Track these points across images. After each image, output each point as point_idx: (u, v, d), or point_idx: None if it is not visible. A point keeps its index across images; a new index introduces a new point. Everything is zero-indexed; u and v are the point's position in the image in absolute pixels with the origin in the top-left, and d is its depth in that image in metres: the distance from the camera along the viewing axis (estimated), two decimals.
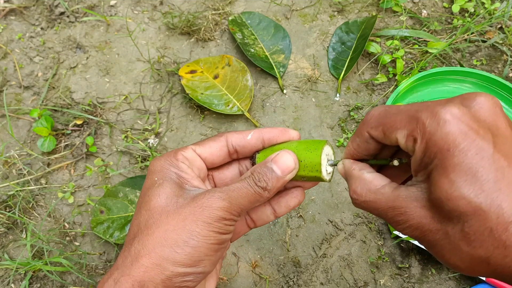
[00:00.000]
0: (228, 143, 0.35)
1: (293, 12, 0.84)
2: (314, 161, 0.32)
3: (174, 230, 0.29)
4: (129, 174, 0.68)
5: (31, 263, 0.59)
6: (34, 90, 0.76)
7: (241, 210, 0.31)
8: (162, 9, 0.84)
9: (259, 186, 0.31)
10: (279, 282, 0.61)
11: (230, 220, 0.30)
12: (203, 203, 0.30)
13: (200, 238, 0.29)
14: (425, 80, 0.72)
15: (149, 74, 0.77)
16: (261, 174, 0.31)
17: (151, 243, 0.29)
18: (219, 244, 0.30)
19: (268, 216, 0.37)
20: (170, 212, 0.30)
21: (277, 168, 0.32)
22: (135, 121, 0.73)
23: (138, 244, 0.29)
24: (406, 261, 0.62)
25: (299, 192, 0.36)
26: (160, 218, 0.30)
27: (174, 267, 0.28)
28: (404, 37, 0.80)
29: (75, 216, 0.66)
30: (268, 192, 0.31)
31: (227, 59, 0.76)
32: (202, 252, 0.29)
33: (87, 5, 0.84)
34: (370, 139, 0.29)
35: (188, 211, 0.29)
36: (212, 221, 0.29)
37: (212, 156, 0.35)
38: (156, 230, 0.29)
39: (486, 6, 0.83)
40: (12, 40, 0.80)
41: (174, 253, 0.28)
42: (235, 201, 0.30)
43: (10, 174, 0.69)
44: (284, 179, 0.32)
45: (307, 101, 0.75)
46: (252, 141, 0.35)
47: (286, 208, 0.36)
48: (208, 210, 0.29)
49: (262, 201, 0.32)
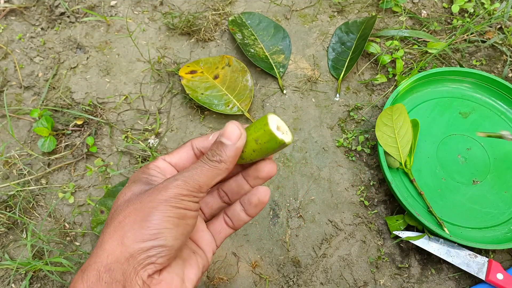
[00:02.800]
0: (193, 147, 0.37)
1: (293, 12, 0.84)
2: (266, 132, 0.34)
3: (132, 212, 0.30)
4: (129, 174, 0.69)
5: (31, 263, 0.59)
6: (35, 90, 0.76)
7: (199, 186, 0.32)
8: (162, 10, 0.84)
9: (214, 160, 0.33)
10: (279, 282, 0.61)
11: (189, 196, 0.31)
12: (160, 186, 0.31)
13: (156, 212, 0.30)
14: (425, 81, 0.72)
15: (149, 74, 0.77)
16: (213, 150, 0.33)
17: (112, 228, 0.30)
18: (178, 218, 0.30)
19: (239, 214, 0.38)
20: (131, 200, 0.31)
21: (226, 139, 0.33)
22: (135, 121, 0.73)
23: (102, 234, 0.31)
24: (406, 261, 0.62)
25: (259, 190, 0.37)
26: (121, 208, 0.31)
27: (135, 243, 0.29)
28: (403, 37, 0.80)
29: (75, 216, 0.66)
30: (224, 163, 0.33)
31: (227, 60, 0.76)
32: (159, 224, 0.29)
33: (87, 6, 0.84)
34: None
35: (147, 195, 0.31)
36: (168, 198, 0.30)
37: (181, 160, 0.37)
38: (116, 217, 0.31)
39: (486, 6, 0.83)
40: (12, 40, 0.80)
41: (132, 230, 0.29)
42: (191, 179, 0.31)
43: (10, 174, 0.69)
44: (235, 146, 0.33)
45: (307, 101, 0.75)
46: (213, 140, 0.37)
47: (250, 206, 0.37)
48: (164, 190, 0.30)
49: (222, 174, 0.33)
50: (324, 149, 0.70)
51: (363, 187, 0.67)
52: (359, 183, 0.68)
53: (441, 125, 0.70)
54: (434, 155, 0.67)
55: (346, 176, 0.68)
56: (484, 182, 0.65)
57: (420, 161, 0.67)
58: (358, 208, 0.66)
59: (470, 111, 0.72)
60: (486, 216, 0.63)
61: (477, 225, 0.62)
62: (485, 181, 0.65)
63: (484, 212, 0.63)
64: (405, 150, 0.62)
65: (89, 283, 0.28)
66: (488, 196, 0.64)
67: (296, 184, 0.67)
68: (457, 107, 0.72)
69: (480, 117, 0.71)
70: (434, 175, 0.66)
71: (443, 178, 0.66)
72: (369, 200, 0.66)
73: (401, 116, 0.62)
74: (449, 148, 0.68)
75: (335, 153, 0.70)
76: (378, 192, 0.67)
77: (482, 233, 0.62)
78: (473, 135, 0.69)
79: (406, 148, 0.62)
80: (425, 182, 0.65)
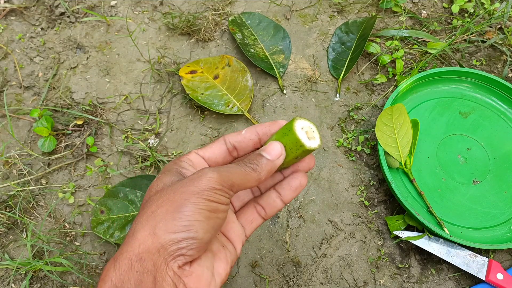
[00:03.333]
0: (226, 142, 0.37)
1: (293, 12, 0.84)
2: (293, 139, 0.35)
3: (165, 202, 0.30)
4: (129, 174, 0.69)
5: (31, 263, 0.59)
6: (35, 90, 0.76)
7: (232, 184, 0.32)
8: (162, 10, 0.84)
9: (249, 166, 0.33)
10: (279, 282, 0.61)
11: (221, 191, 0.31)
12: (193, 177, 0.31)
13: (189, 204, 0.30)
14: (425, 81, 0.72)
15: (149, 74, 0.77)
16: (251, 158, 0.34)
17: (145, 218, 0.30)
18: (210, 211, 0.30)
19: (275, 200, 0.39)
20: (164, 190, 0.31)
21: (266, 154, 0.35)
22: (135, 121, 0.73)
23: (134, 223, 0.31)
24: (406, 261, 0.62)
25: (299, 174, 0.38)
26: (154, 197, 0.31)
27: (166, 234, 0.29)
28: (403, 37, 0.80)
29: (75, 216, 0.66)
30: (258, 173, 0.34)
31: (227, 60, 0.76)
32: (191, 216, 0.29)
33: (87, 6, 0.84)
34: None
35: (179, 185, 0.31)
36: (201, 190, 0.30)
37: (214, 155, 0.37)
38: (149, 207, 0.31)
39: (486, 6, 0.83)
40: (12, 40, 0.80)
41: (165, 220, 0.29)
42: (225, 174, 0.32)
43: (10, 174, 0.69)
44: (273, 163, 0.35)
45: (307, 101, 0.75)
46: (247, 134, 0.37)
47: (289, 190, 0.38)
48: (198, 181, 0.30)
49: (253, 181, 0.34)
50: (324, 149, 0.70)
51: (363, 187, 0.67)
52: (359, 183, 0.68)
53: (441, 125, 0.70)
54: (434, 155, 0.67)
55: (346, 176, 0.68)
56: (484, 182, 0.65)
57: (420, 161, 0.67)
58: (358, 208, 0.66)
59: (470, 111, 0.72)
60: (486, 216, 0.63)
61: (477, 225, 0.62)
62: (485, 181, 0.65)
63: (484, 212, 0.63)
64: (405, 150, 0.62)
65: (121, 271, 0.28)
66: (488, 196, 0.64)
67: None
68: (457, 107, 0.72)
69: (480, 117, 0.71)
70: (434, 175, 0.66)
71: (443, 178, 0.66)
72: (369, 200, 0.66)
73: (401, 116, 0.62)
74: (449, 148, 0.68)
75: (335, 153, 0.70)
76: (378, 192, 0.67)
77: (482, 233, 0.62)
78: (473, 135, 0.69)
79: (406, 148, 0.62)
80: (425, 182, 0.65)
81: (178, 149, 0.71)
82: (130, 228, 0.31)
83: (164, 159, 0.68)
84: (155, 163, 0.69)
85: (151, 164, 0.69)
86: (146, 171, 0.69)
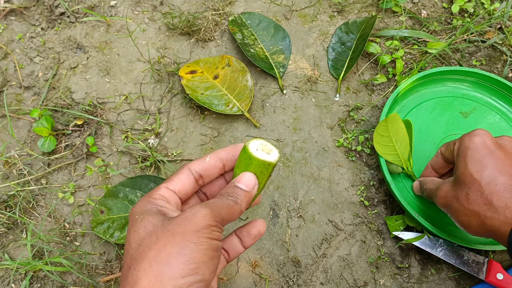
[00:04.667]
0: (192, 171, 0.37)
1: (293, 12, 0.84)
2: (259, 163, 0.36)
3: (165, 245, 0.29)
4: (129, 174, 0.69)
5: (31, 263, 0.59)
6: (35, 90, 0.76)
7: (222, 219, 0.32)
8: (162, 10, 0.84)
9: (230, 199, 0.34)
10: (279, 282, 0.61)
11: (216, 227, 0.31)
12: (187, 216, 0.31)
13: (192, 245, 0.29)
14: (425, 80, 0.72)
15: (149, 74, 0.77)
16: (229, 192, 0.35)
17: (147, 264, 0.29)
18: (212, 250, 0.30)
19: (237, 245, 0.40)
20: (159, 232, 0.30)
21: (242, 185, 0.35)
22: (135, 121, 0.73)
23: (134, 270, 0.29)
24: (406, 261, 0.62)
25: (258, 222, 0.40)
26: (150, 240, 0.30)
27: (174, 280, 0.28)
28: (403, 37, 0.80)
29: (75, 216, 0.66)
30: (239, 205, 0.34)
31: (227, 60, 0.76)
32: (197, 258, 0.29)
33: (87, 6, 0.84)
34: (439, 155, 0.58)
35: (175, 226, 0.30)
36: (200, 228, 0.30)
37: (184, 187, 0.37)
38: (149, 252, 0.30)
39: (486, 6, 0.83)
40: (12, 40, 0.80)
41: (170, 265, 0.28)
42: (215, 210, 0.32)
43: (10, 174, 0.69)
44: (250, 193, 0.36)
45: (307, 101, 0.75)
46: (211, 162, 0.38)
47: (249, 238, 0.40)
48: (194, 219, 0.30)
49: (237, 214, 0.35)
50: (324, 149, 0.70)
51: (363, 187, 0.67)
52: (359, 183, 0.68)
53: (441, 125, 0.70)
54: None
55: (346, 176, 0.68)
56: None
57: (420, 162, 0.67)
58: (358, 208, 0.66)
59: (471, 111, 0.72)
60: None
61: None
62: None
63: None
64: (405, 155, 0.62)
65: None
66: None
67: (296, 184, 0.67)
68: (457, 106, 0.72)
69: (481, 117, 0.71)
70: None
71: None
72: (369, 200, 0.66)
73: (396, 124, 0.61)
74: None
75: (335, 153, 0.70)
76: (378, 192, 0.67)
77: None
78: None
79: (405, 153, 0.62)
80: None
81: (178, 149, 0.71)
82: (126, 272, 0.30)
83: (164, 159, 0.68)
84: (155, 163, 0.69)
85: (151, 164, 0.69)
86: (146, 171, 0.69)
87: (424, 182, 0.58)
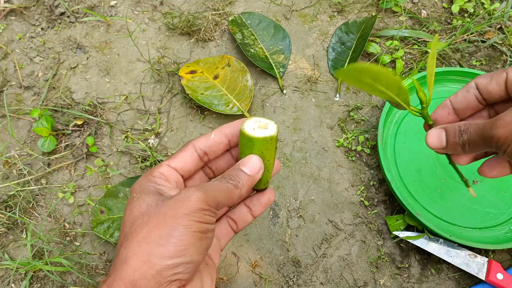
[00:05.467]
0: (196, 148, 0.37)
1: (293, 12, 0.84)
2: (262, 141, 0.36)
3: (156, 226, 0.30)
4: (129, 174, 0.69)
5: (31, 263, 0.59)
6: (35, 90, 0.76)
7: (218, 203, 0.32)
8: (162, 10, 0.84)
9: (231, 183, 0.34)
10: (279, 282, 0.61)
11: (209, 211, 0.31)
12: (180, 198, 0.31)
13: (181, 228, 0.30)
14: (425, 81, 0.72)
15: (149, 74, 0.77)
16: (231, 174, 0.34)
17: (136, 243, 0.30)
18: (201, 233, 0.31)
19: (246, 215, 0.40)
20: (152, 213, 0.31)
21: (246, 169, 0.35)
22: (135, 121, 0.73)
23: (125, 249, 0.30)
24: (406, 261, 0.62)
25: (269, 191, 0.39)
26: (142, 221, 0.31)
27: (162, 260, 0.29)
28: (403, 37, 0.80)
29: (75, 216, 0.66)
30: (240, 189, 0.34)
31: (227, 60, 0.76)
32: (186, 240, 0.30)
33: (87, 6, 0.84)
34: (472, 88, 0.39)
35: (168, 207, 0.31)
36: (191, 212, 0.30)
37: (186, 164, 0.37)
38: (140, 231, 0.30)
39: (486, 6, 0.83)
40: (12, 40, 0.80)
41: (159, 246, 0.29)
42: (211, 194, 0.32)
43: (10, 174, 0.69)
44: (253, 178, 0.35)
45: (307, 101, 0.75)
46: (216, 138, 0.38)
47: (259, 206, 0.39)
48: (186, 202, 0.30)
49: (236, 198, 0.34)
50: (324, 149, 0.70)
51: (363, 187, 0.67)
52: (359, 183, 0.68)
53: None
54: (434, 155, 0.67)
55: (346, 176, 0.68)
56: (484, 182, 0.65)
57: (420, 161, 0.67)
58: (358, 208, 0.66)
59: None
60: (486, 216, 0.63)
61: (477, 225, 0.62)
62: (485, 181, 0.65)
63: (484, 212, 0.63)
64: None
65: None
66: (488, 196, 0.64)
67: (296, 184, 0.67)
68: None
69: None
70: (434, 175, 0.66)
71: (443, 178, 0.66)
72: (369, 200, 0.66)
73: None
74: None
75: (335, 153, 0.70)
76: (378, 192, 0.67)
77: (482, 233, 0.62)
78: None
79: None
80: (425, 182, 0.65)
81: (178, 149, 0.71)
82: (118, 250, 0.31)
83: (164, 159, 0.68)
84: (155, 163, 0.69)
85: (151, 164, 0.69)
86: (146, 171, 0.69)
87: (457, 128, 0.37)
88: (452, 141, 0.37)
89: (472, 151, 0.36)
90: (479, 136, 0.34)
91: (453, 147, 0.37)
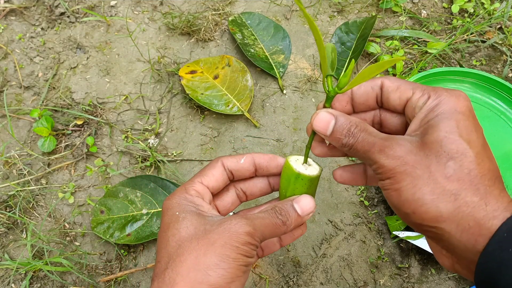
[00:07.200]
0: (225, 168, 0.37)
1: (293, 12, 0.84)
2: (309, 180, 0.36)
3: (205, 255, 0.30)
4: (129, 174, 0.69)
5: (31, 263, 0.59)
6: (35, 90, 0.76)
7: (263, 238, 0.33)
8: (162, 10, 0.84)
9: (280, 219, 0.34)
10: (279, 282, 0.61)
11: (254, 245, 0.32)
12: (230, 228, 0.31)
13: (230, 260, 0.30)
14: (425, 81, 0.72)
15: (149, 74, 0.77)
16: (283, 209, 0.34)
17: (185, 269, 0.30)
18: (246, 266, 0.31)
19: (275, 244, 0.40)
20: (200, 238, 0.31)
21: (298, 207, 0.35)
22: (135, 121, 0.73)
23: (172, 272, 0.30)
24: (406, 261, 0.62)
25: (302, 225, 0.39)
26: (190, 245, 0.31)
27: None
28: (403, 37, 0.80)
29: (75, 216, 0.66)
30: (287, 227, 0.34)
31: (227, 60, 0.76)
32: (233, 273, 0.30)
33: (87, 6, 0.84)
34: (376, 87, 0.35)
35: (217, 235, 0.31)
36: (240, 245, 0.31)
37: (217, 183, 0.37)
38: (188, 256, 0.31)
39: (486, 6, 0.83)
40: (12, 40, 0.80)
41: (207, 276, 0.30)
42: (258, 228, 0.32)
43: (10, 174, 0.69)
44: (302, 218, 0.35)
45: (307, 101, 0.75)
46: (245, 165, 0.38)
47: (291, 238, 0.40)
48: (236, 235, 0.31)
49: (280, 234, 0.34)
50: None
51: (363, 187, 0.67)
52: None
53: None
54: None
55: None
56: None
57: None
58: (358, 208, 0.66)
59: None
60: None
61: None
62: None
63: None
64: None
65: None
66: None
67: None
68: None
69: (480, 117, 0.71)
70: None
71: None
72: (369, 200, 0.66)
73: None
74: None
75: None
76: (378, 192, 0.67)
77: None
78: None
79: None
80: None
81: (178, 149, 0.71)
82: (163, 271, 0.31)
83: (164, 159, 0.68)
84: (155, 163, 0.69)
85: (151, 164, 0.69)
86: (146, 171, 0.69)
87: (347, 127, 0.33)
88: (337, 136, 0.33)
89: (350, 155, 0.35)
90: (364, 150, 0.32)
91: (335, 141, 0.33)
